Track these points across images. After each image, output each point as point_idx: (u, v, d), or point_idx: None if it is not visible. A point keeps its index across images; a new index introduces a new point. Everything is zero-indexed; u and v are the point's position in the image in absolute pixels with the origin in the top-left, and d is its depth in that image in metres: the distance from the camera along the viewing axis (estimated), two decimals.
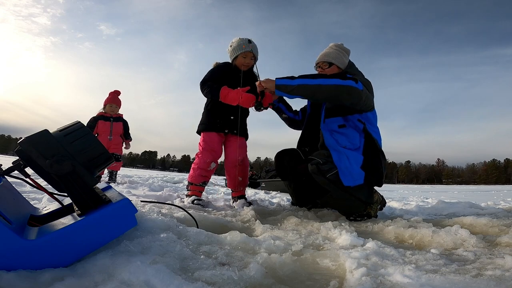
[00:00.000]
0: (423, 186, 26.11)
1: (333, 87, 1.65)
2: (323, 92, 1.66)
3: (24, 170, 0.86)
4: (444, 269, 0.80)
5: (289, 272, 0.80)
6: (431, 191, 11.14)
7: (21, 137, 0.85)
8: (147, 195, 2.66)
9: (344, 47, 1.99)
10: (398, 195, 6.83)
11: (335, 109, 1.84)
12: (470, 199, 3.37)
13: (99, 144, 0.90)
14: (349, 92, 1.66)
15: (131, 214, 0.83)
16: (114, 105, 4.70)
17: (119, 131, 4.66)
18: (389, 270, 0.76)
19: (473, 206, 2.33)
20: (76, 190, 0.83)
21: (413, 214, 2.03)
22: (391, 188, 14.06)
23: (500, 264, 0.83)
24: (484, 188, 18.29)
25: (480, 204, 2.57)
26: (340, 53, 1.94)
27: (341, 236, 1.16)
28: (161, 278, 0.63)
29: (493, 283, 0.67)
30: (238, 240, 0.99)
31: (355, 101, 1.71)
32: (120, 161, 4.85)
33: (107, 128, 4.54)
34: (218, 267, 0.75)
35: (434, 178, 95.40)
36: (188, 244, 0.90)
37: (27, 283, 0.63)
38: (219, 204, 2.32)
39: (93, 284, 0.63)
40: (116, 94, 4.80)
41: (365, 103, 1.77)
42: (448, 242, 1.11)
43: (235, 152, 2.19)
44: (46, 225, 0.83)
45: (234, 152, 2.20)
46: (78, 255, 0.73)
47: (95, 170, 0.89)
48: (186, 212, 1.33)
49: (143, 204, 1.46)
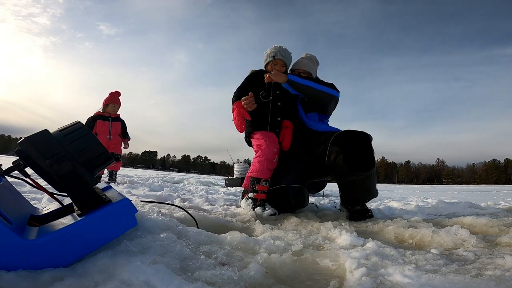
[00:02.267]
0: (423, 186, 26.13)
1: (329, 95, 2.07)
2: (320, 96, 2.05)
3: (24, 170, 0.86)
4: (444, 269, 0.80)
5: (289, 272, 0.80)
6: (431, 191, 11.13)
7: (21, 137, 0.85)
8: (147, 195, 2.66)
9: (317, 59, 2.38)
10: (398, 195, 6.83)
11: (312, 107, 2.16)
12: (470, 199, 3.37)
13: (99, 144, 0.90)
14: (336, 101, 2.14)
15: (131, 214, 0.83)
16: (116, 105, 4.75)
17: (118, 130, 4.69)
18: (389, 270, 0.76)
19: (473, 206, 2.33)
20: (76, 190, 0.83)
21: (413, 214, 2.02)
22: (391, 188, 14.06)
23: (500, 264, 0.82)
24: (484, 188, 18.30)
25: (480, 204, 2.57)
26: (315, 66, 2.35)
27: (341, 236, 1.16)
28: (161, 278, 0.63)
29: (493, 283, 0.67)
30: (238, 240, 0.99)
31: (334, 108, 2.20)
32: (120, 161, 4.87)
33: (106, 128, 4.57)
34: (218, 267, 0.75)
35: (434, 178, 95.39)
36: (188, 244, 0.90)
37: (27, 283, 0.63)
38: (219, 203, 2.32)
39: (93, 284, 0.62)
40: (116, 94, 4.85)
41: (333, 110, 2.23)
42: (448, 242, 1.11)
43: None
44: (46, 225, 0.83)
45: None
46: (78, 255, 0.73)
47: (95, 170, 0.89)
48: (186, 212, 1.33)
49: (143, 204, 1.46)
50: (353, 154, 1.79)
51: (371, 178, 1.84)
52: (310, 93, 2.03)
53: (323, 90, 2.05)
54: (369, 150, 1.81)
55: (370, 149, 1.82)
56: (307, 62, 2.32)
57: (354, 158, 1.78)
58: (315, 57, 2.37)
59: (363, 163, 1.78)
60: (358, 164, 1.78)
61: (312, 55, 2.37)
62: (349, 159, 1.79)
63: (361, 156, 1.79)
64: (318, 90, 2.03)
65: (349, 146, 1.80)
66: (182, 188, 4.24)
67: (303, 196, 2.00)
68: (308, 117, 2.16)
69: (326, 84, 2.10)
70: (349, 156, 1.79)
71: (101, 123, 4.55)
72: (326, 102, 2.10)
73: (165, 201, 1.68)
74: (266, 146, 1.95)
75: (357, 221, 1.69)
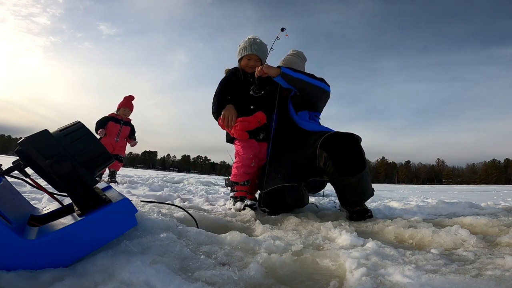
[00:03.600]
0: (423, 186, 26.12)
1: (320, 88, 2.04)
2: (311, 89, 2.03)
3: (24, 170, 0.86)
4: (444, 269, 0.80)
5: (289, 272, 0.80)
6: (431, 191, 11.13)
7: (21, 137, 0.85)
8: (147, 195, 2.66)
9: (304, 55, 2.33)
10: (398, 195, 6.83)
11: (302, 104, 2.13)
12: (470, 199, 3.37)
13: (99, 144, 0.90)
14: (327, 95, 2.12)
15: (131, 214, 0.83)
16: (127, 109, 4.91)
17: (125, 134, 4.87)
18: (389, 270, 0.76)
19: (473, 206, 2.33)
20: (76, 190, 0.83)
21: (413, 214, 2.02)
22: (391, 188, 14.06)
23: (500, 264, 0.82)
24: (484, 188, 18.29)
25: (480, 204, 2.57)
26: (302, 62, 2.30)
27: (341, 236, 1.16)
28: (161, 278, 0.63)
29: (493, 283, 0.67)
30: (238, 240, 0.99)
31: (325, 103, 2.19)
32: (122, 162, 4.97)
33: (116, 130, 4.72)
34: (218, 267, 0.75)
35: (434, 178, 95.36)
36: (188, 244, 0.90)
37: (27, 283, 0.63)
38: (219, 203, 2.32)
39: (93, 284, 0.62)
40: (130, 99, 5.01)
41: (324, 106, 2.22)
42: (448, 242, 1.11)
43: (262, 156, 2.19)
44: (46, 225, 0.83)
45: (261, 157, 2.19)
46: (78, 255, 0.73)
47: (95, 170, 0.89)
48: (186, 212, 1.33)
49: (143, 204, 1.46)
50: (341, 159, 1.74)
51: (364, 179, 1.81)
52: (302, 86, 1.99)
53: (315, 84, 2.01)
54: (357, 153, 1.76)
55: (359, 151, 1.77)
56: (294, 59, 2.27)
57: (342, 163, 1.74)
58: (302, 53, 2.32)
59: (352, 168, 1.74)
60: (347, 170, 1.74)
61: (299, 51, 2.32)
62: (338, 165, 1.75)
63: (350, 160, 1.74)
64: (310, 83, 1.99)
65: (337, 151, 1.76)
66: (182, 188, 4.24)
67: (299, 195, 1.98)
68: (299, 115, 2.12)
69: (317, 79, 2.07)
70: (337, 161, 1.75)
71: (113, 125, 4.71)
72: (317, 97, 2.08)
73: (165, 201, 1.68)
74: (242, 152, 2.12)
75: (357, 221, 1.69)
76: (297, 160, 2.01)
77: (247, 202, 1.96)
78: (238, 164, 2.13)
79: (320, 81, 2.05)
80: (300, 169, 2.00)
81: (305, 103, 2.13)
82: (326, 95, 2.10)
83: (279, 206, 1.91)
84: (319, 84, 2.03)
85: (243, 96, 2.12)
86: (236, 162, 2.15)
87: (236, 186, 2.13)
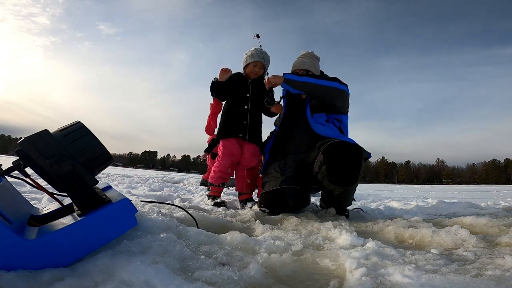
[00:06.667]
0: (423, 186, 26.12)
1: (331, 88, 1.97)
2: (322, 91, 1.97)
3: (24, 170, 0.86)
4: (444, 269, 0.80)
5: (289, 272, 0.80)
6: (431, 191, 11.13)
7: (21, 137, 0.85)
8: (147, 195, 2.66)
9: (315, 54, 2.27)
10: (398, 195, 6.83)
11: (319, 107, 2.08)
12: (470, 199, 3.37)
13: (99, 144, 0.90)
14: (342, 94, 2.02)
15: (131, 214, 0.83)
16: None
17: None
18: (389, 270, 0.76)
19: (473, 206, 2.33)
20: (76, 190, 0.83)
21: (413, 214, 2.02)
22: (391, 188, 14.06)
23: (500, 264, 0.82)
24: (484, 188, 18.28)
25: (480, 204, 2.57)
26: (314, 61, 2.22)
27: (341, 236, 1.16)
28: (161, 278, 0.63)
29: (493, 283, 0.67)
30: (238, 240, 0.99)
31: (342, 103, 2.08)
32: None
33: None
34: (218, 267, 0.75)
35: (434, 178, 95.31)
36: (188, 244, 0.90)
37: (27, 283, 0.63)
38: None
39: (93, 284, 0.63)
40: None
41: (346, 106, 2.13)
42: (448, 242, 1.11)
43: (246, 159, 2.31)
44: (46, 225, 0.83)
45: (244, 159, 2.31)
46: (78, 255, 0.73)
47: (95, 170, 0.89)
48: (186, 212, 1.33)
49: (143, 204, 1.46)
50: (336, 167, 1.73)
51: (350, 192, 1.81)
52: (310, 89, 1.96)
53: (325, 84, 1.95)
54: (355, 166, 1.72)
55: (357, 165, 1.73)
56: (304, 60, 2.25)
57: (335, 172, 1.73)
58: (312, 53, 2.29)
59: (344, 179, 1.73)
60: (339, 179, 1.73)
61: (309, 52, 2.30)
62: (331, 172, 1.74)
63: (344, 171, 1.72)
64: (318, 84, 1.95)
65: (335, 158, 1.74)
66: (182, 188, 4.24)
67: (300, 198, 1.93)
68: (314, 117, 2.07)
69: (329, 79, 2.01)
70: (331, 168, 1.74)
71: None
72: (332, 97, 2.00)
73: (165, 201, 1.68)
74: (221, 159, 2.34)
75: (357, 221, 1.69)
76: (302, 162, 2.00)
77: (217, 200, 2.24)
78: (215, 168, 2.38)
79: (332, 81, 2.00)
80: (304, 171, 1.98)
81: (322, 105, 2.07)
82: (341, 94, 2.01)
83: (279, 207, 1.90)
84: (330, 84, 1.97)
85: (240, 96, 2.33)
86: (215, 166, 2.40)
87: (212, 187, 2.40)
